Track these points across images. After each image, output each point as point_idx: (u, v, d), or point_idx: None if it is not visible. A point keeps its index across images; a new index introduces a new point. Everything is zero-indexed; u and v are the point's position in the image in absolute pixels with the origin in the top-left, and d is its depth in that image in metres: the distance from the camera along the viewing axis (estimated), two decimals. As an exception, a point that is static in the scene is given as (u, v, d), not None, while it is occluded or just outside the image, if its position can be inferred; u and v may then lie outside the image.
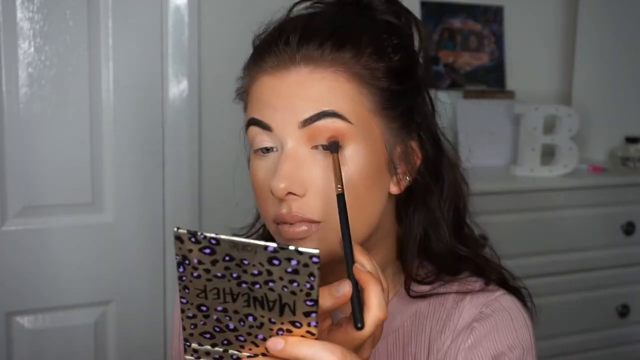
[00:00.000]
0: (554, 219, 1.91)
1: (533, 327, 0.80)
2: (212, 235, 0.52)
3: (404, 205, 0.79)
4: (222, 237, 0.52)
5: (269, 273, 0.52)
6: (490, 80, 2.22)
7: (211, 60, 1.76)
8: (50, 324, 1.66)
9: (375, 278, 0.59)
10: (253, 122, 0.72)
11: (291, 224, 0.69)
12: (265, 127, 0.70)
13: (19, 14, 1.55)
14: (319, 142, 0.69)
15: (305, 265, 0.51)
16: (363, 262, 0.61)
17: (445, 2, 2.15)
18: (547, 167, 1.99)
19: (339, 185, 0.65)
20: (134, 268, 1.72)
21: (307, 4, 0.80)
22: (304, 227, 0.69)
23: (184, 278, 0.54)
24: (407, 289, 0.80)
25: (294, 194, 0.68)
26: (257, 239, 0.88)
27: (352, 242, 0.61)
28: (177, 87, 1.71)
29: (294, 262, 0.51)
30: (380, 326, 0.59)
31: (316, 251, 0.51)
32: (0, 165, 1.58)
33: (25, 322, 1.64)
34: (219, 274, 0.53)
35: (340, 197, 0.64)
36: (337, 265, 0.69)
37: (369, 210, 0.72)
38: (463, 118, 2.06)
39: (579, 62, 2.27)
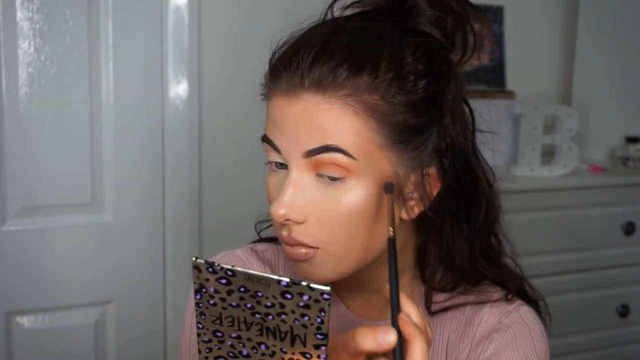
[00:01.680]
0: (554, 219, 1.91)
1: (549, 339, 0.80)
2: (229, 267, 0.54)
3: (424, 221, 0.76)
4: (238, 269, 0.54)
5: (282, 306, 0.54)
6: (490, 80, 2.22)
7: (211, 60, 1.76)
8: (50, 324, 1.66)
9: (422, 332, 0.58)
10: (265, 139, 0.71)
11: (291, 245, 0.70)
12: (275, 147, 0.70)
13: (19, 14, 1.55)
14: (322, 172, 0.68)
15: (317, 300, 0.53)
16: (410, 312, 0.60)
17: (445, 2, 2.15)
18: (547, 167, 1.99)
19: (391, 228, 0.64)
20: (134, 268, 1.72)
21: (344, 3, 0.76)
22: (303, 250, 0.70)
23: (200, 305, 0.56)
24: (428, 306, 0.79)
25: (292, 220, 0.69)
26: (274, 236, 0.89)
27: (400, 290, 0.61)
28: (177, 87, 1.71)
29: (305, 297, 0.53)
30: None
31: (327, 288, 0.53)
32: (1, 165, 1.58)
33: (25, 322, 1.64)
34: (234, 304, 0.55)
35: (391, 242, 0.63)
36: (372, 280, 0.75)
37: (369, 240, 0.70)
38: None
39: (579, 62, 2.27)
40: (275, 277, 0.53)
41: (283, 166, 0.71)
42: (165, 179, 1.73)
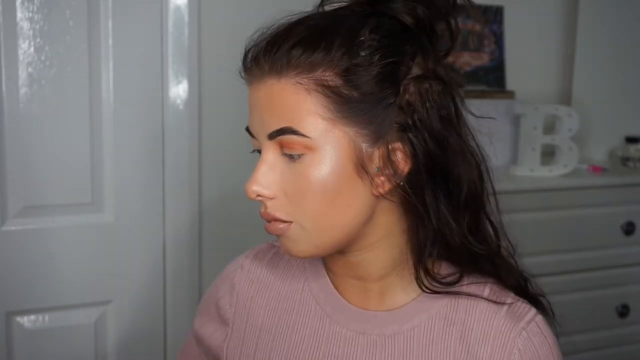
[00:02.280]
0: (554, 219, 1.91)
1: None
2: None
3: (408, 202, 0.77)
4: None
5: None
6: (490, 80, 2.22)
7: (211, 60, 1.76)
8: (50, 324, 1.66)
9: None
10: (247, 128, 0.78)
11: (268, 221, 0.76)
12: (251, 133, 0.77)
13: (19, 14, 1.55)
14: (286, 151, 0.73)
15: None
16: None
17: (445, 2, 2.15)
18: (547, 167, 1.99)
19: None
20: (134, 268, 1.72)
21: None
22: (279, 225, 0.75)
23: None
24: (420, 283, 0.78)
25: (264, 196, 0.75)
26: None
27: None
28: (177, 87, 1.71)
29: None
30: None
31: None
32: (1, 165, 1.58)
33: (25, 322, 1.64)
34: None
35: None
36: (358, 266, 0.78)
37: (337, 214, 0.74)
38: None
39: (579, 62, 2.27)
40: None
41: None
42: (165, 179, 1.73)
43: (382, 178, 0.74)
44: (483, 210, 0.81)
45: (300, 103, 0.71)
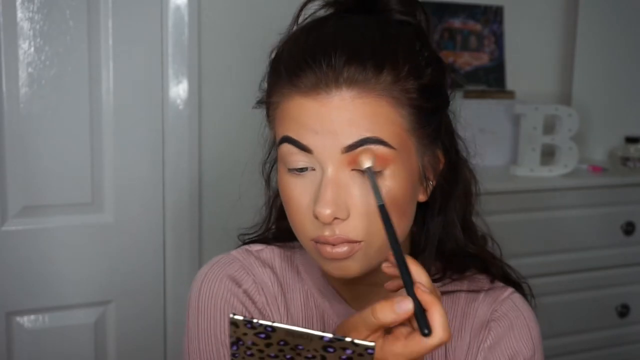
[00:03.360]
0: (553, 219, 1.91)
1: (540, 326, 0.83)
2: (268, 323, 0.53)
3: (419, 206, 0.79)
4: (278, 325, 0.53)
5: (323, 358, 0.54)
6: (490, 80, 2.22)
7: (211, 60, 1.76)
8: (50, 324, 1.66)
9: (438, 299, 0.60)
10: (289, 140, 0.71)
11: (334, 245, 0.70)
12: (304, 148, 0.70)
13: (19, 14, 1.55)
14: (359, 167, 0.69)
15: (360, 354, 0.53)
16: (423, 280, 0.61)
17: (445, 2, 2.15)
18: (547, 167, 1.99)
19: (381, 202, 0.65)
20: (134, 268, 1.72)
21: (317, 4, 0.78)
22: (345, 248, 0.70)
23: (236, 355, 0.55)
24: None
25: (339, 219, 0.69)
26: (266, 236, 0.87)
27: (405, 256, 0.63)
28: (177, 87, 1.71)
29: (348, 352, 0.53)
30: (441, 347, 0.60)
31: (372, 344, 0.52)
32: (1, 165, 1.58)
33: (25, 322, 1.64)
34: (272, 354, 0.55)
35: (383, 208, 0.63)
36: (375, 272, 0.73)
37: (405, 222, 0.74)
38: (463, 118, 2.06)
39: (579, 62, 2.27)
40: (318, 333, 0.52)
41: (304, 169, 0.71)
42: (165, 179, 1.73)
43: (428, 183, 0.76)
44: (473, 209, 0.85)
45: (383, 115, 0.69)
